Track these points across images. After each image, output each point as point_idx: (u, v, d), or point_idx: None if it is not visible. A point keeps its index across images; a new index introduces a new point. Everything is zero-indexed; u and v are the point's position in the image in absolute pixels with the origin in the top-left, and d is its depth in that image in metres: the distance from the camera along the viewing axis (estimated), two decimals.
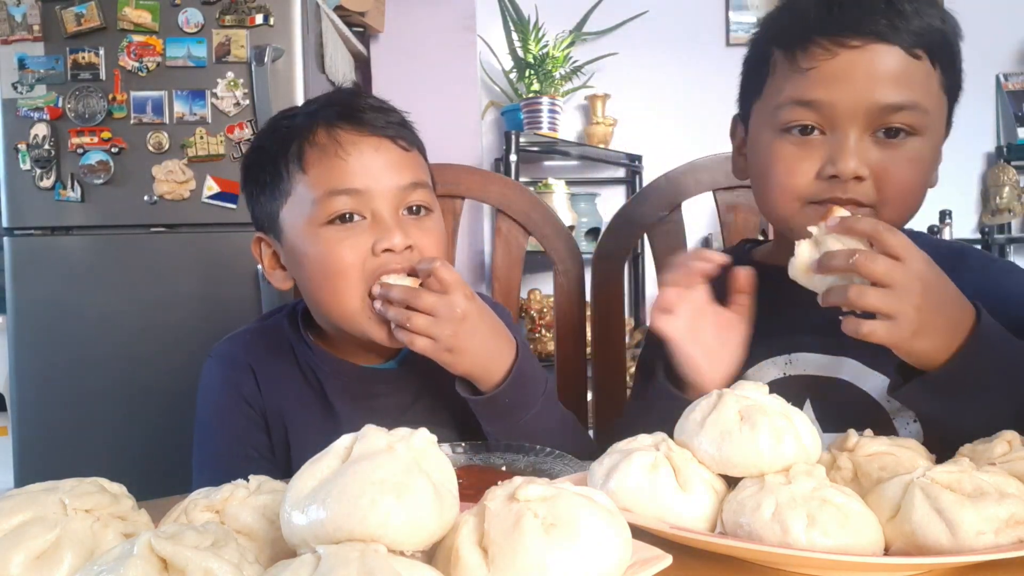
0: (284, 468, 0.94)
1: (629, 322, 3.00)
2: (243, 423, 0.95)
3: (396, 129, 0.90)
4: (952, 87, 0.82)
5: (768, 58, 0.84)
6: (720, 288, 0.84)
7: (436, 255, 0.89)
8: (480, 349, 0.85)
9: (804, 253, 0.71)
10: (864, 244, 0.69)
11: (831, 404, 0.86)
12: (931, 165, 0.83)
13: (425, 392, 0.97)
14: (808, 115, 0.79)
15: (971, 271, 0.87)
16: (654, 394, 0.85)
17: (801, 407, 0.86)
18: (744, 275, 0.81)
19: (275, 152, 0.90)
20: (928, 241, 0.92)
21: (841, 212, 0.72)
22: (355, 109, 0.89)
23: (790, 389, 0.85)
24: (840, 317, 0.69)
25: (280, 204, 0.90)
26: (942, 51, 0.79)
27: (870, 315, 0.68)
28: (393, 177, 0.87)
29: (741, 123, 0.93)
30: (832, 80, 0.77)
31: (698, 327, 0.80)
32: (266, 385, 0.96)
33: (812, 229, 0.72)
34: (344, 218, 0.86)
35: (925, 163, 0.81)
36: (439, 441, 1.03)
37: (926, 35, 0.77)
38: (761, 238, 1.12)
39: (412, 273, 0.87)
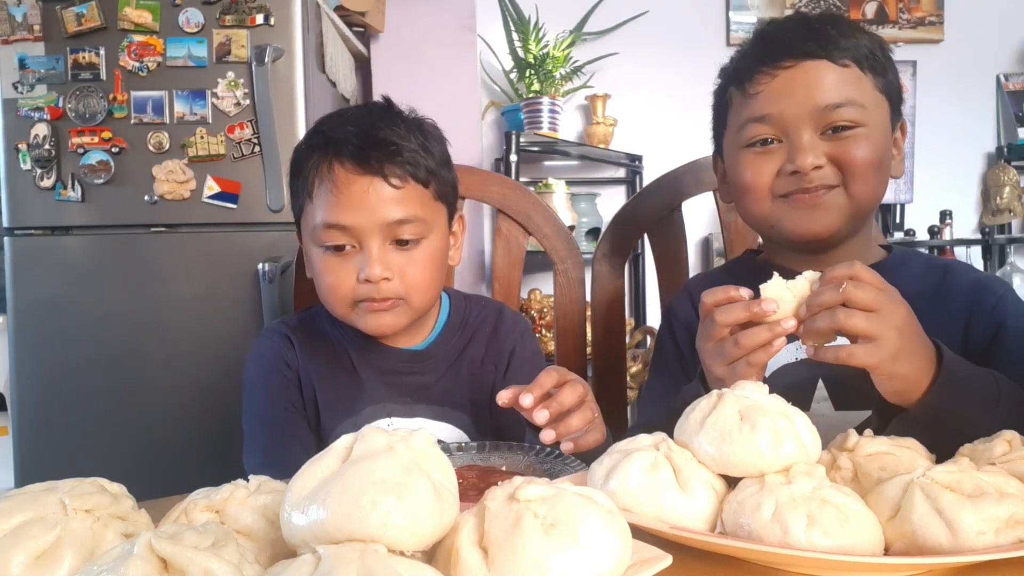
0: (313, 424, 1.08)
1: (629, 322, 3.00)
2: (282, 382, 1.08)
3: (398, 167, 0.96)
4: (890, 91, 0.95)
5: (726, 96, 1.00)
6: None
7: (419, 283, 1.00)
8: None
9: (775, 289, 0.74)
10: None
11: (844, 385, 0.90)
12: (884, 150, 0.93)
13: (445, 375, 1.09)
14: (764, 129, 0.93)
15: (959, 279, 0.96)
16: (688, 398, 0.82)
17: (814, 389, 0.91)
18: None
19: (298, 168, 1.02)
20: (919, 255, 1.04)
21: (810, 274, 0.75)
22: (362, 147, 0.96)
23: (803, 372, 0.92)
24: (809, 355, 0.72)
25: (300, 212, 1.04)
26: (869, 61, 0.92)
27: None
28: (381, 214, 0.96)
29: (719, 157, 1.06)
30: (778, 96, 0.91)
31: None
32: (302, 352, 1.09)
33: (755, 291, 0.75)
34: (338, 247, 0.98)
35: (877, 145, 0.92)
36: (452, 424, 1.07)
37: (851, 50, 0.91)
38: (757, 248, 1.15)
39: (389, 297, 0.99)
